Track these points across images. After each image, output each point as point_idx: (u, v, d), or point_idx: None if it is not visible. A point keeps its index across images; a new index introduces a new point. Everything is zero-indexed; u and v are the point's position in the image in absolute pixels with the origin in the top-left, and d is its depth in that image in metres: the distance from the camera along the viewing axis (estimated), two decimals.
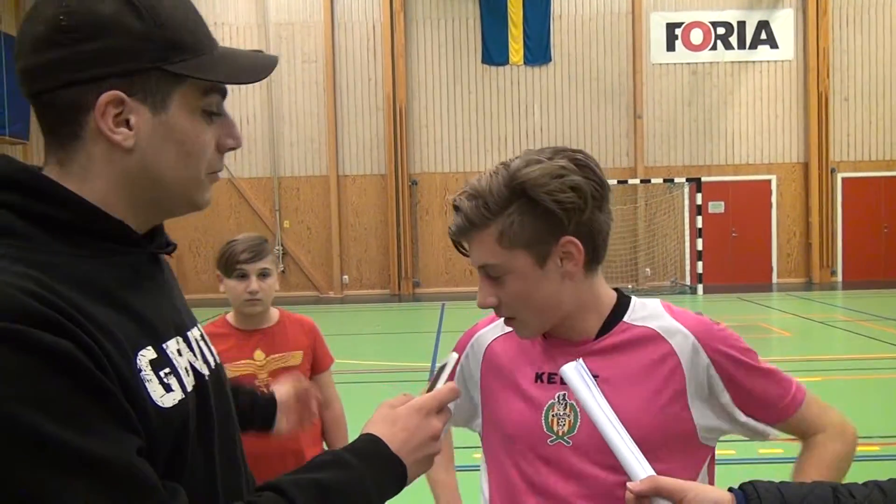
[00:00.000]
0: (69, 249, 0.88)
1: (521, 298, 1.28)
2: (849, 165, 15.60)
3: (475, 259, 1.30)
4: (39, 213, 0.88)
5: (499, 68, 15.46)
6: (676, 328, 1.31)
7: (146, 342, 0.90)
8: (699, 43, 15.50)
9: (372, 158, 15.55)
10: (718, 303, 13.19)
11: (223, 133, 0.99)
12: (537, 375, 1.35)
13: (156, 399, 0.88)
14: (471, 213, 1.27)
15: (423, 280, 15.58)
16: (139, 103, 0.90)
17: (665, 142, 15.55)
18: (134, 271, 0.95)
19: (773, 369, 1.36)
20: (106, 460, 0.79)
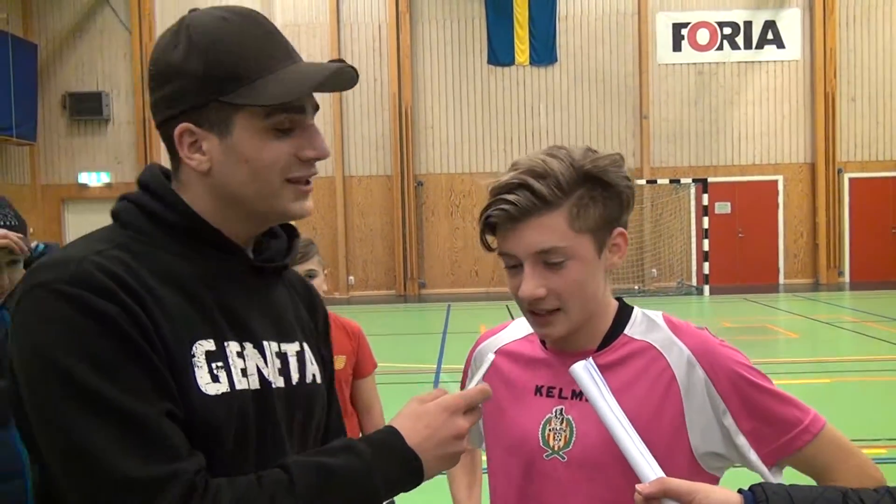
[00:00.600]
0: (174, 247, 1.06)
1: (577, 287, 1.22)
2: (856, 166, 15.53)
3: (533, 243, 1.20)
4: (159, 214, 1.07)
5: (505, 68, 15.45)
6: (673, 342, 1.26)
7: (208, 334, 1.03)
8: (705, 43, 15.46)
9: (378, 159, 15.56)
10: (725, 304, 13.14)
11: (301, 145, 1.08)
12: (537, 388, 1.32)
13: (200, 384, 0.99)
14: (543, 191, 1.18)
15: (428, 281, 15.57)
16: (207, 132, 1.06)
17: (671, 142, 15.51)
18: (223, 275, 1.09)
19: (785, 393, 1.25)
20: (131, 411, 0.92)
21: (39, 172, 15.39)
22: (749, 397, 1.22)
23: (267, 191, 1.07)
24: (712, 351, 1.25)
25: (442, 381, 7.78)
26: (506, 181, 1.22)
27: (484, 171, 15.46)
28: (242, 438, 1.02)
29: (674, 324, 1.30)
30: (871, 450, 4.82)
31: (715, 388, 1.23)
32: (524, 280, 1.23)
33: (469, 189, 15.48)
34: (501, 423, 1.35)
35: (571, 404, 1.28)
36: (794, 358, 8.64)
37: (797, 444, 1.22)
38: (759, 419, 1.22)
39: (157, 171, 1.12)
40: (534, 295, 1.22)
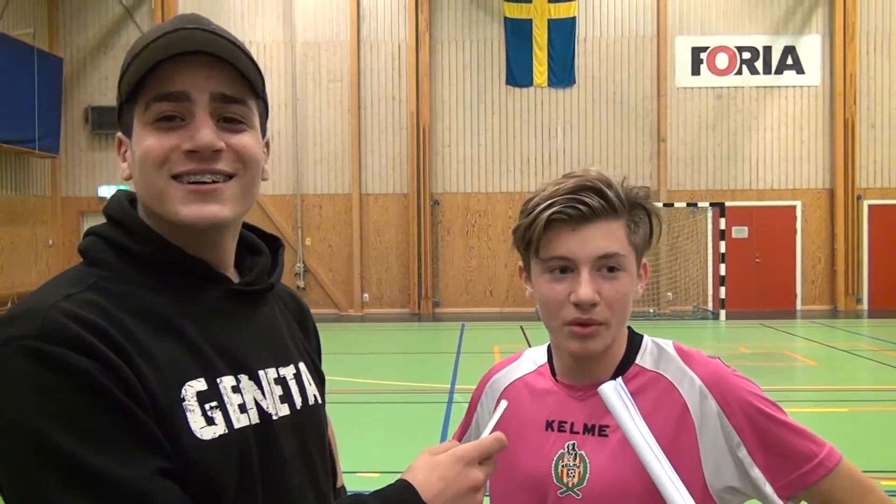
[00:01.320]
0: (147, 281, 0.97)
1: (625, 301, 1.23)
2: (875, 192, 15.39)
3: (598, 247, 1.20)
4: (126, 246, 0.98)
5: (523, 90, 15.50)
6: (684, 373, 1.24)
7: (198, 374, 0.94)
8: (724, 67, 15.44)
9: (394, 177, 15.61)
10: (741, 329, 13.02)
11: (185, 137, 0.96)
12: (548, 423, 1.29)
13: (194, 430, 0.91)
14: (613, 198, 1.20)
15: (443, 300, 15.55)
16: (125, 137, 1.03)
17: (689, 166, 15.46)
18: (205, 306, 1.00)
19: (800, 425, 1.23)
20: (113, 478, 0.82)
21: (60, 185, 15.57)
22: (763, 429, 1.20)
23: (153, 190, 0.98)
24: (725, 381, 1.23)
25: (455, 402, 7.73)
26: (574, 184, 1.21)
27: (500, 191, 15.47)
28: (247, 479, 0.95)
29: (685, 353, 1.28)
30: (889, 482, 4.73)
31: (728, 419, 1.20)
32: (582, 283, 1.20)
33: (485, 209, 15.49)
34: (513, 458, 1.31)
35: (584, 439, 1.26)
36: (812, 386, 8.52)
37: (812, 479, 1.19)
38: (773, 452, 1.20)
39: (122, 197, 1.03)
40: (592, 298, 1.19)
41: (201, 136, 0.95)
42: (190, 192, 0.96)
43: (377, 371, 9.31)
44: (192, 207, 0.97)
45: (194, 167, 0.96)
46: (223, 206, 0.98)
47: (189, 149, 0.96)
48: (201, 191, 0.97)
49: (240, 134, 1.00)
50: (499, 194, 15.49)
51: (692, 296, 15.26)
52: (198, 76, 0.96)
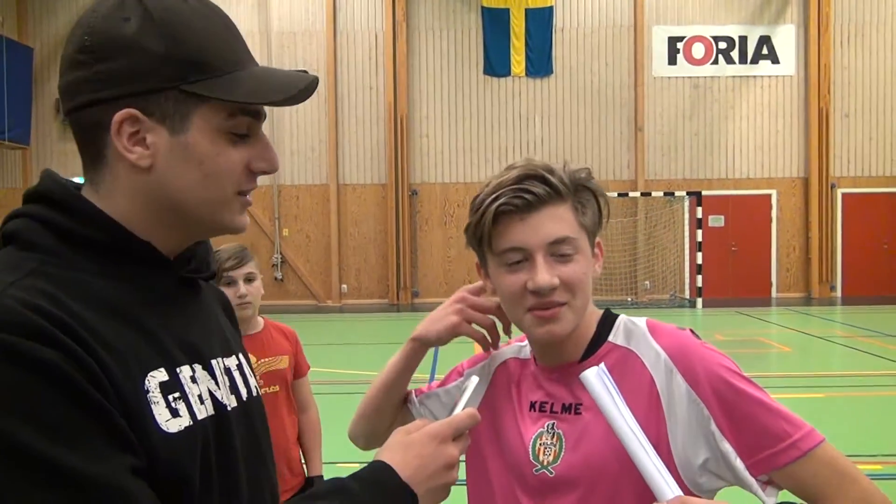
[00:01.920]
0: (93, 267, 0.90)
1: (581, 281, 1.23)
2: (849, 181, 15.60)
3: (548, 233, 1.20)
4: (70, 230, 0.90)
5: (500, 79, 15.48)
6: (651, 347, 1.22)
7: (158, 364, 0.89)
8: (701, 57, 15.53)
9: (372, 168, 15.55)
10: (717, 317, 13.15)
11: (255, 155, 0.96)
12: (531, 404, 1.31)
13: (160, 423, 0.86)
14: (556, 183, 1.21)
15: (421, 290, 15.54)
16: (157, 123, 0.90)
17: (666, 155, 15.56)
18: (157, 293, 0.95)
19: (776, 404, 1.17)
20: (86, 476, 0.77)
21: (32, 176, 15.32)
22: (731, 403, 1.15)
23: (216, 199, 0.94)
24: (691, 353, 1.20)
25: None
26: (517, 174, 1.22)
27: (478, 181, 15.46)
28: (207, 472, 0.91)
29: (654, 326, 1.26)
30: (866, 465, 4.80)
31: (696, 392, 1.16)
32: (538, 270, 1.20)
33: (464, 199, 15.48)
34: (500, 439, 1.33)
35: (562, 419, 1.26)
36: (788, 372, 8.63)
37: (782, 460, 1.13)
38: (742, 428, 1.15)
39: (58, 177, 0.95)
40: (550, 283, 1.19)
41: (277, 160, 0.99)
42: (244, 204, 0.98)
43: (357, 362, 9.28)
44: (243, 218, 0.99)
45: (254, 185, 0.98)
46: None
47: (264, 171, 0.98)
48: (248, 204, 1.00)
49: None
50: (477, 184, 15.44)
51: (669, 284, 15.38)
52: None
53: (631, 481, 1.08)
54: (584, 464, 1.21)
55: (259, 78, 0.94)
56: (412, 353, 1.46)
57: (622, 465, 1.09)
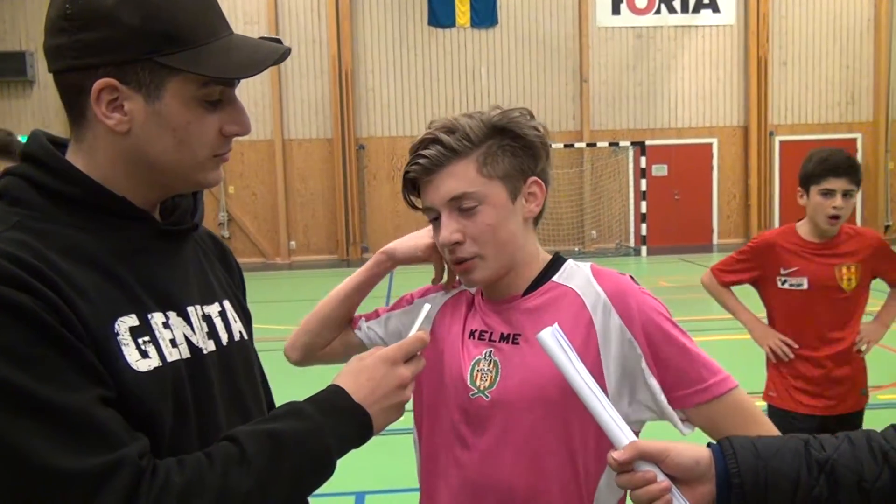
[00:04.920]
0: (71, 220, 0.97)
1: (491, 231, 1.29)
2: (786, 129, 16.01)
3: (447, 191, 1.28)
4: (50, 187, 0.98)
5: (445, 31, 15.31)
6: (591, 287, 1.30)
7: (129, 310, 0.97)
8: (644, 7, 15.60)
9: (318, 122, 15.32)
10: (661, 264, 13.49)
11: (227, 119, 1.03)
12: (471, 332, 1.38)
13: (130, 362, 0.93)
14: (452, 142, 1.27)
15: (371, 245, 15.52)
16: (133, 91, 0.96)
17: (610, 105, 15.69)
18: (133, 245, 1.02)
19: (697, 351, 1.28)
20: (58, 405, 0.84)
21: None
22: (658, 345, 1.25)
23: (190, 162, 1.01)
24: (628, 295, 1.28)
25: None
26: (420, 139, 1.30)
27: None
28: (182, 412, 0.97)
29: (597, 270, 1.34)
30: None
31: (630, 331, 1.25)
32: (442, 227, 1.30)
33: None
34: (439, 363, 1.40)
35: (499, 347, 1.34)
36: (728, 315, 8.94)
37: (694, 401, 1.25)
38: (664, 367, 1.25)
39: (42, 138, 1.02)
40: (451, 239, 1.29)
41: (249, 123, 1.05)
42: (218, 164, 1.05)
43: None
44: (216, 174, 1.06)
45: (229, 147, 1.05)
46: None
47: (236, 134, 1.04)
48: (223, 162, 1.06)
49: None
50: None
51: (615, 233, 15.68)
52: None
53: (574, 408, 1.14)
54: (518, 390, 1.29)
55: (229, 50, 1.00)
56: (377, 266, 1.54)
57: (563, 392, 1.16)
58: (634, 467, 1.00)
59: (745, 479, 0.99)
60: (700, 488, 1.00)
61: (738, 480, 0.99)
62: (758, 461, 0.99)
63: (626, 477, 0.99)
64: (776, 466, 0.99)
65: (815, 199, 3.02)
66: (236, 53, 1.00)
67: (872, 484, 0.98)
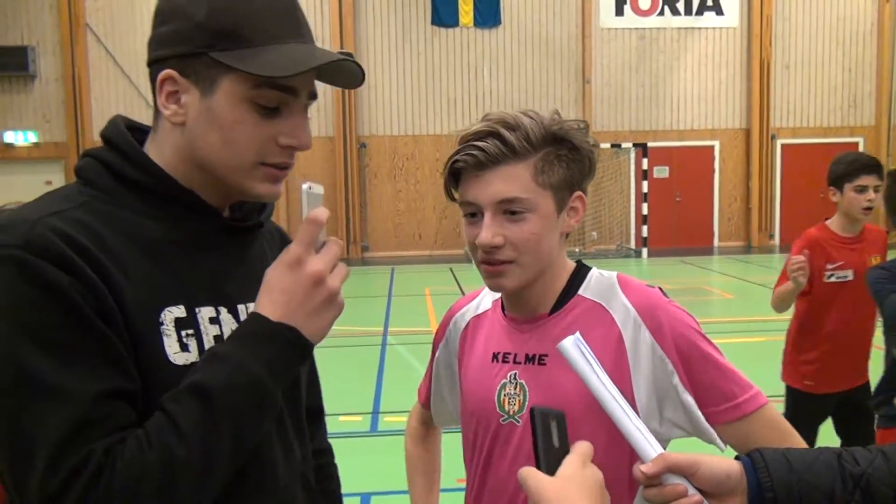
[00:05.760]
0: (140, 207, 1.00)
1: (533, 241, 1.23)
2: (788, 132, 15.99)
3: (498, 192, 1.21)
4: (123, 172, 1.00)
5: (449, 30, 15.29)
6: (620, 301, 1.26)
7: (179, 300, 0.97)
8: (647, 8, 15.57)
9: (319, 120, 15.29)
10: (662, 266, 13.47)
11: (285, 131, 1.01)
12: (494, 355, 1.33)
13: (169, 353, 0.94)
14: (513, 141, 1.20)
15: (371, 244, 15.51)
16: (191, 84, 0.98)
17: (612, 107, 15.67)
18: (195, 237, 1.03)
19: (729, 366, 1.25)
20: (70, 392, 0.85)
21: None
22: (690, 360, 1.22)
23: (236, 165, 1.00)
24: (659, 309, 1.25)
25: (389, 344, 7.80)
26: (476, 129, 1.23)
27: (427, 133, 15.37)
28: None
29: (625, 282, 1.30)
30: None
31: (661, 348, 1.22)
32: (484, 227, 1.23)
33: (412, 151, 15.39)
34: (467, 390, 1.37)
35: (525, 369, 1.29)
36: (730, 318, 8.93)
37: (729, 417, 1.22)
38: (697, 383, 1.22)
39: (120, 124, 1.05)
40: (491, 243, 1.23)
41: (307, 137, 1.03)
42: (269, 175, 1.03)
43: None
44: (268, 186, 1.04)
45: (286, 160, 1.03)
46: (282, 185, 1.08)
47: (291, 146, 1.02)
48: (279, 176, 1.04)
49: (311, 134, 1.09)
50: (426, 136, 15.40)
51: (616, 235, 15.66)
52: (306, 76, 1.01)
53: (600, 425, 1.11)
54: None
55: (284, 53, 0.98)
56: None
57: (588, 410, 1.12)
58: (662, 480, 0.95)
59: (779, 494, 0.95)
60: (730, 501, 0.96)
61: (771, 495, 0.95)
62: (791, 475, 0.96)
63: (656, 491, 0.94)
64: (810, 480, 0.95)
65: (850, 195, 3.33)
66: (287, 56, 0.98)
67: None
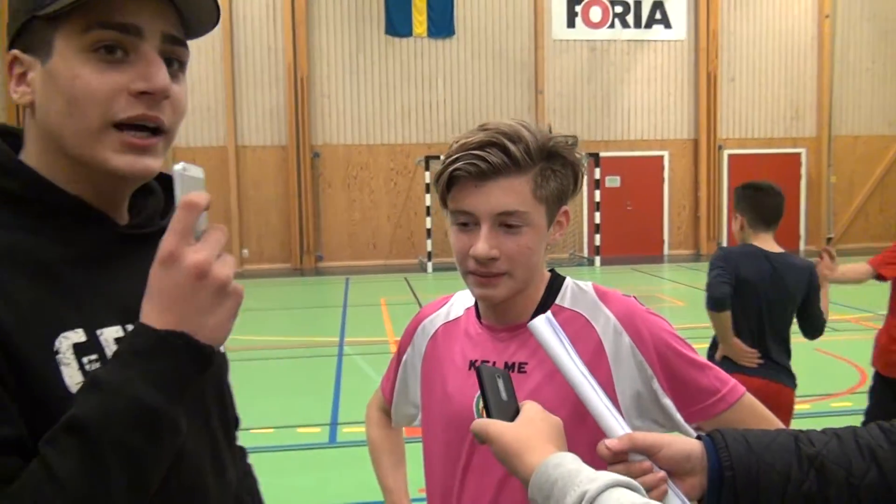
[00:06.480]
0: (15, 221, 0.86)
1: (528, 254, 1.25)
2: (734, 142, 16.42)
3: (499, 204, 1.21)
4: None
5: (402, 40, 15.32)
6: (600, 310, 1.29)
7: (75, 323, 0.85)
8: (598, 20, 15.85)
9: (272, 129, 15.15)
10: (614, 274, 13.67)
11: (135, 76, 0.87)
12: (471, 363, 1.33)
13: (70, 385, 0.82)
14: (517, 154, 1.20)
15: (325, 254, 15.39)
16: (32, 57, 0.89)
17: (565, 117, 15.87)
18: (88, 250, 0.90)
19: (707, 362, 1.31)
20: None
21: None
22: (671, 363, 1.27)
23: (84, 130, 0.86)
24: (638, 317, 1.28)
25: (346, 355, 7.75)
26: (480, 139, 1.21)
27: (381, 143, 15.35)
28: None
29: (602, 292, 1.33)
30: None
31: (641, 353, 1.26)
32: (481, 239, 1.23)
33: (366, 161, 15.34)
34: (441, 399, 1.36)
35: None
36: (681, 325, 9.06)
37: (714, 411, 1.28)
38: (679, 384, 1.27)
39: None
40: (488, 255, 1.23)
41: (159, 78, 0.88)
42: (125, 143, 0.88)
43: (263, 327, 9.14)
44: (127, 158, 0.89)
45: (142, 112, 0.88)
46: (155, 159, 0.92)
47: (142, 90, 0.87)
48: (138, 145, 0.89)
49: (180, 83, 0.93)
50: (380, 146, 15.38)
51: (569, 243, 15.84)
52: (149, 11, 0.88)
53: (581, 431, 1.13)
54: None
55: None
56: None
57: (570, 415, 1.13)
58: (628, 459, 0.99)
59: (738, 472, 0.99)
60: (690, 480, 1.00)
61: (730, 473, 0.99)
62: (750, 455, 1.00)
63: (622, 467, 0.97)
64: (768, 460, 0.99)
65: None
66: None
67: (860, 480, 0.99)
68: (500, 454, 0.93)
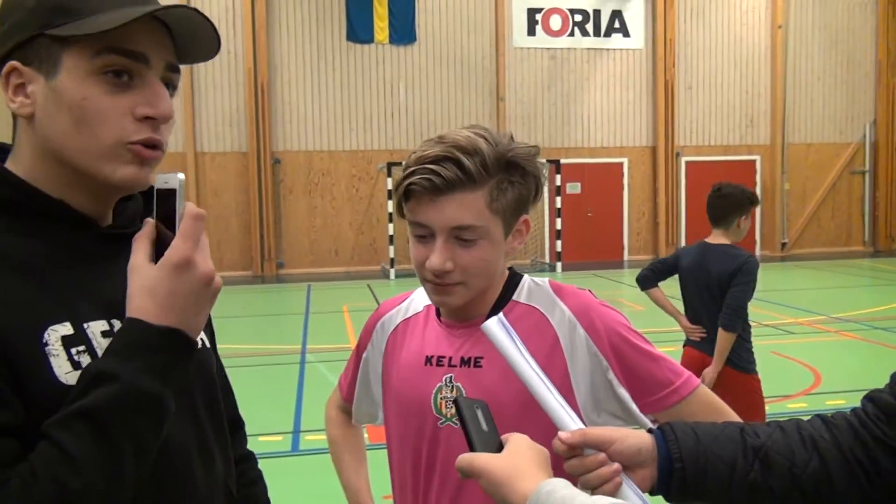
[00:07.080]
0: (3, 224, 0.93)
1: (483, 265, 1.26)
2: (692, 150, 16.72)
3: (452, 219, 1.22)
4: None
5: (364, 46, 15.30)
6: (555, 304, 1.31)
7: (62, 317, 0.91)
8: (558, 29, 16.03)
9: (232, 135, 14.99)
10: (576, 280, 13.79)
11: (141, 101, 0.95)
12: (427, 358, 1.35)
13: (59, 374, 0.88)
14: (471, 168, 1.20)
15: (287, 261, 15.26)
16: (34, 71, 0.94)
17: (526, 124, 16.01)
18: (72, 250, 0.96)
19: (661, 355, 1.33)
20: None
21: None
22: (625, 355, 1.29)
23: (94, 149, 0.93)
24: (593, 310, 1.31)
25: (308, 362, 7.68)
26: (435, 153, 1.22)
27: (343, 149, 15.30)
28: None
29: (557, 287, 1.35)
30: None
31: (596, 345, 1.28)
32: (435, 252, 1.24)
33: (328, 167, 15.27)
34: (399, 394, 1.38)
35: (460, 372, 1.32)
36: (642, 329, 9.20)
37: (667, 403, 1.30)
38: (634, 376, 1.29)
39: None
40: (442, 268, 1.24)
41: (165, 105, 0.97)
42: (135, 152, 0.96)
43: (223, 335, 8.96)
44: (131, 170, 0.96)
45: (149, 136, 0.96)
46: (151, 172, 0.98)
47: (148, 115, 0.95)
48: (146, 156, 0.96)
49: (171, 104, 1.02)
50: (342, 152, 15.32)
51: (531, 250, 15.95)
52: (155, 40, 0.96)
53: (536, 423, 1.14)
54: None
55: (116, 14, 0.93)
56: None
57: (524, 409, 1.15)
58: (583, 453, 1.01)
59: (687, 464, 1.02)
60: (642, 472, 1.03)
61: (679, 465, 1.02)
62: (698, 447, 1.03)
63: (577, 461, 1.00)
64: (715, 451, 1.03)
65: None
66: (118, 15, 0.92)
67: (803, 470, 1.03)
68: (490, 486, 0.92)
